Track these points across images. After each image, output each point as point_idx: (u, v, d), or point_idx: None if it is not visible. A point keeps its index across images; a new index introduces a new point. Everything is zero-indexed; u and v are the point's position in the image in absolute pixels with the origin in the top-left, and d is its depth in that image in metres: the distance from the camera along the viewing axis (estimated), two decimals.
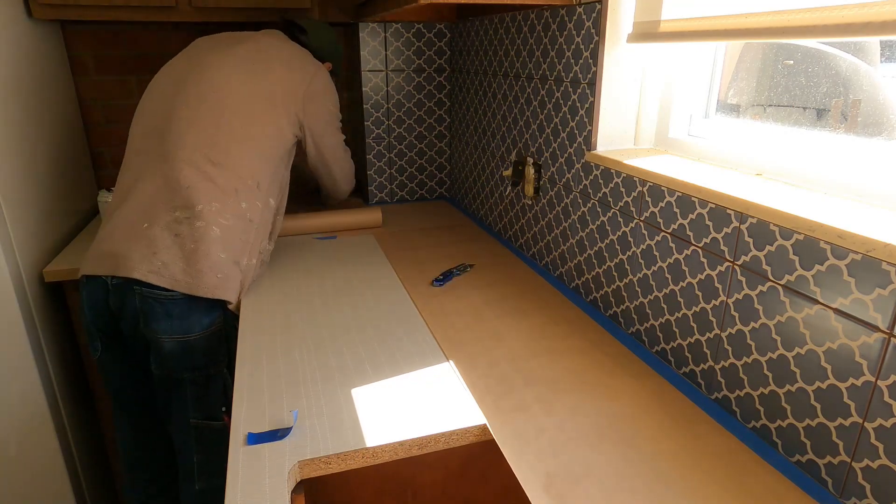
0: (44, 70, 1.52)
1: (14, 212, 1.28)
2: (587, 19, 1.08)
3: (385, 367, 0.92)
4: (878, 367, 0.61)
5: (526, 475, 0.70)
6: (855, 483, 0.65)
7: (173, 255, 1.07)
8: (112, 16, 1.50)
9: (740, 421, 0.81)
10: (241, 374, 0.90)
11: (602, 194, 1.09)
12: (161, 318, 1.07)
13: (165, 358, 1.09)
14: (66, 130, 1.65)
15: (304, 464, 0.71)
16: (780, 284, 0.72)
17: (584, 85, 1.12)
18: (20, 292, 1.28)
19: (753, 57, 0.96)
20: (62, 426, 1.41)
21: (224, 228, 1.13)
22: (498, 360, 0.95)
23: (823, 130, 0.83)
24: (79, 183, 1.70)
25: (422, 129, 1.89)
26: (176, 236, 1.09)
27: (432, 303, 1.16)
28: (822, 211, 0.69)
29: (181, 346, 1.09)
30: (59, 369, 1.41)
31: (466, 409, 0.82)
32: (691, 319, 0.89)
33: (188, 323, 1.09)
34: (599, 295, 1.14)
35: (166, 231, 1.09)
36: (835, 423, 0.67)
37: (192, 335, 1.09)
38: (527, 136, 1.38)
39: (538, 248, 1.38)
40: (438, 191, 2.00)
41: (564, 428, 0.78)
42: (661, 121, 1.10)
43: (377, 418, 0.79)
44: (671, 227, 0.91)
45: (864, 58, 0.80)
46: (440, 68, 1.84)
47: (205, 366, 1.12)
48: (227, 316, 1.15)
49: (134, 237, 1.09)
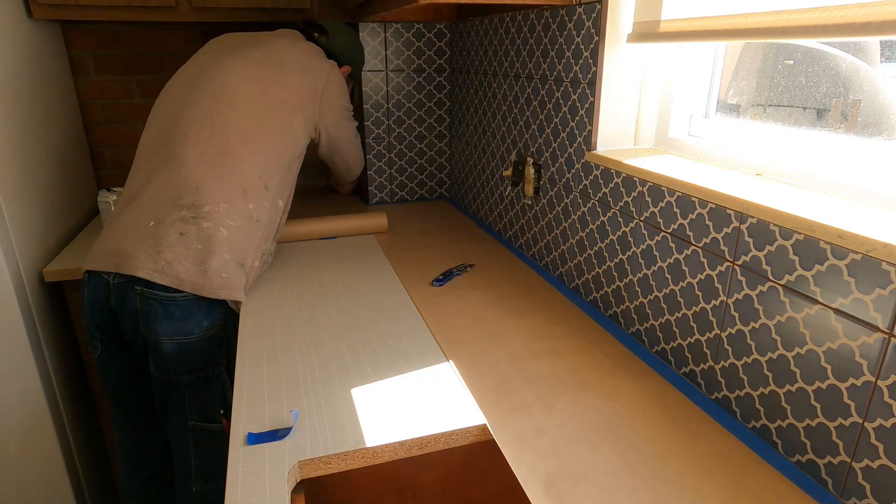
0: (44, 70, 1.52)
1: (14, 212, 1.28)
2: (587, 19, 1.08)
3: (385, 367, 0.92)
4: (878, 367, 0.61)
5: (526, 475, 0.70)
6: (855, 483, 0.65)
7: (178, 255, 1.07)
8: (112, 16, 1.50)
9: (740, 421, 0.81)
10: (241, 375, 0.90)
11: (602, 194, 1.09)
12: (161, 320, 1.07)
13: (164, 359, 1.09)
14: (66, 130, 1.65)
15: (304, 464, 0.71)
16: (780, 284, 0.72)
17: (584, 85, 1.12)
18: (20, 292, 1.28)
19: (753, 57, 0.96)
20: (62, 426, 1.41)
21: (231, 230, 1.13)
22: (498, 360, 0.95)
23: (823, 130, 0.83)
24: (79, 183, 1.70)
25: (422, 129, 1.89)
26: (181, 235, 1.08)
27: (432, 303, 1.16)
28: (822, 211, 0.69)
29: (180, 348, 1.09)
30: (59, 369, 1.41)
31: (466, 409, 0.82)
32: (691, 319, 0.89)
33: (188, 324, 1.08)
34: (599, 295, 1.14)
35: (172, 230, 1.08)
36: (835, 423, 0.67)
37: (192, 337, 1.09)
38: (527, 136, 1.38)
39: (538, 248, 1.38)
40: (438, 191, 2.00)
41: (564, 428, 0.78)
42: (661, 121, 1.10)
43: (377, 418, 0.79)
44: (671, 227, 0.91)
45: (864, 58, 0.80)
46: (440, 68, 1.84)
47: (203, 368, 1.11)
48: (227, 318, 1.14)
49: (139, 235, 1.08)
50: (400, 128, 1.87)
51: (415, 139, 1.90)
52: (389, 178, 1.92)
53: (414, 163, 1.93)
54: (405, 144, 1.89)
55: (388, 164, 1.90)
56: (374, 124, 1.83)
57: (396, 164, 1.90)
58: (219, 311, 1.12)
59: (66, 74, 1.70)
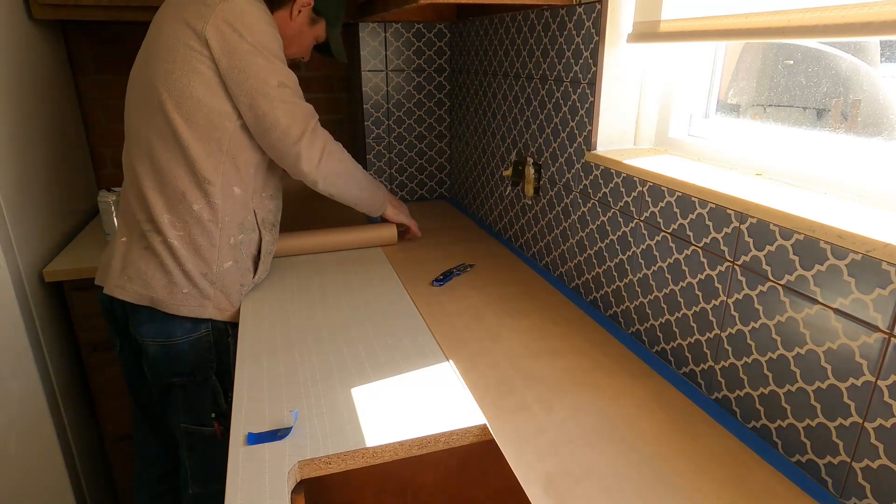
0: (44, 70, 1.52)
1: (14, 212, 1.28)
2: (587, 19, 1.08)
3: (385, 367, 0.92)
4: (878, 367, 0.61)
5: (526, 475, 0.70)
6: (855, 483, 0.65)
7: (138, 270, 1.07)
8: (112, 16, 1.50)
9: (740, 421, 0.81)
10: (241, 375, 0.90)
11: (602, 194, 1.09)
12: (145, 322, 1.08)
13: (152, 362, 1.10)
14: (66, 130, 1.65)
15: (304, 464, 0.71)
16: (780, 284, 0.72)
17: (584, 85, 1.12)
18: (20, 292, 1.28)
19: (753, 57, 0.96)
20: (62, 426, 1.41)
21: (180, 239, 1.06)
22: (498, 360, 0.95)
23: (823, 130, 0.83)
24: (79, 183, 1.70)
25: (422, 129, 1.89)
26: (145, 249, 1.07)
27: (432, 303, 1.16)
28: (822, 211, 0.69)
29: (165, 351, 1.08)
30: (59, 369, 1.41)
31: (466, 409, 0.82)
32: (691, 319, 0.89)
33: (169, 326, 1.07)
34: (599, 295, 1.14)
35: (137, 244, 1.08)
36: (835, 423, 0.67)
37: (176, 339, 1.08)
38: (527, 136, 1.38)
39: (538, 248, 1.38)
40: (438, 191, 2.00)
41: (564, 428, 0.78)
42: (661, 121, 1.10)
43: (377, 418, 0.79)
44: (671, 227, 0.91)
45: (864, 58, 0.80)
46: (440, 68, 1.84)
47: (191, 372, 1.10)
48: (217, 324, 1.12)
49: (115, 249, 1.10)
50: (400, 128, 1.87)
51: (415, 139, 1.90)
52: (389, 179, 1.92)
53: (414, 163, 1.93)
54: (405, 144, 1.89)
55: (388, 164, 1.90)
56: (374, 124, 1.83)
57: (396, 164, 1.90)
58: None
59: (66, 74, 1.70)
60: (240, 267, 1.13)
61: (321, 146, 1.12)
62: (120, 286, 1.07)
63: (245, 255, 1.14)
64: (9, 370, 1.29)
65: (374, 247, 1.48)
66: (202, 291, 1.09)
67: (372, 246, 1.48)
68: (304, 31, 1.23)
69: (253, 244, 1.16)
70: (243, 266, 1.14)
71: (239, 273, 1.13)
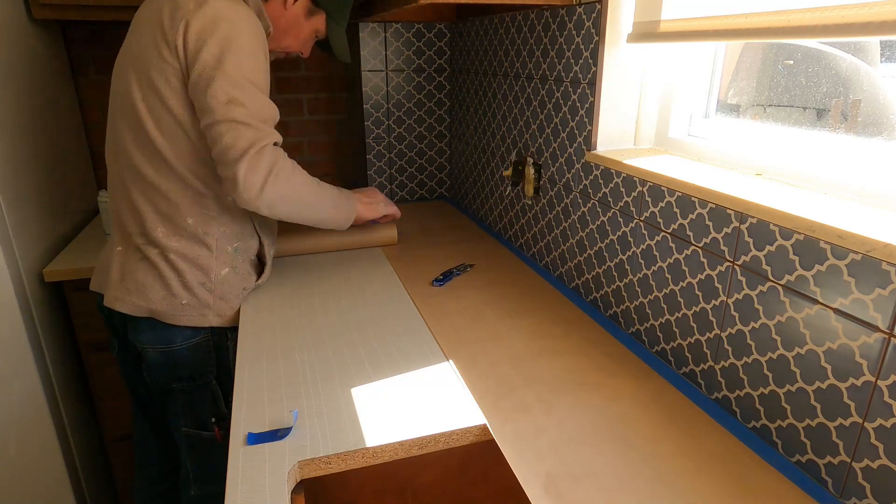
0: (44, 70, 1.52)
1: (14, 212, 1.28)
2: (587, 19, 1.08)
3: (385, 367, 0.92)
4: (878, 367, 0.61)
5: (526, 475, 0.70)
6: (855, 483, 0.65)
7: (137, 282, 1.05)
8: (112, 16, 1.50)
9: (740, 421, 0.81)
10: (241, 375, 0.90)
11: (602, 194, 1.09)
12: (144, 329, 1.07)
13: (151, 368, 1.09)
14: (66, 130, 1.65)
15: (304, 464, 0.71)
16: (780, 284, 0.72)
17: (584, 85, 1.12)
18: (20, 292, 1.28)
19: (753, 57, 0.96)
20: (62, 426, 1.41)
21: (176, 251, 1.05)
22: (498, 360, 0.95)
23: (823, 130, 0.83)
24: (79, 183, 1.70)
25: (422, 129, 1.90)
26: (141, 260, 1.06)
27: (432, 303, 1.16)
28: (822, 211, 0.69)
29: (164, 357, 1.08)
30: (59, 369, 1.41)
31: (466, 409, 0.82)
32: (691, 319, 0.89)
33: (169, 333, 1.06)
34: (599, 295, 1.14)
35: (133, 255, 1.06)
36: (835, 423, 0.67)
37: (175, 345, 1.07)
38: (527, 136, 1.38)
39: (538, 248, 1.38)
40: (438, 191, 2.00)
41: (564, 428, 0.78)
42: (661, 121, 1.10)
43: (377, 418, 0.79)
44: (671, 227, 0.91)
45: (864, 58, 0.80)
46: (440, 68, 1.84)
47: (190, 377, 1.10)
48: (216, 329, 1.11)
49: (112, 257, 1.09)
50: (400, 128, 1.87)
51: (415, 139, 1.90)
52: (389, 178, 1.92)
53: (414, 163, 1.93)
54: (405, 144, 1.89)
55: (388, 164, 1.90)
56: (374, 124, 1.83)
57: (396, 164, 1.90)
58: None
59: (66, 74, 1.70)
60: (238, 272, 1.12)
61: (265, 171, 0.97)
62: (119, 298, 1.05)
63: (243, 260, 1.13)
64: (9, 370, 1.29)
65: (374, 247, 1.48)
66: (202, 301, 1.07)
67: (372, 246, 1.48)
68: (301, 23, 1.15)
69: (251, 250, 1.15)
70: (242, 271, 1.13)
71: (238, 278, 1.12)
